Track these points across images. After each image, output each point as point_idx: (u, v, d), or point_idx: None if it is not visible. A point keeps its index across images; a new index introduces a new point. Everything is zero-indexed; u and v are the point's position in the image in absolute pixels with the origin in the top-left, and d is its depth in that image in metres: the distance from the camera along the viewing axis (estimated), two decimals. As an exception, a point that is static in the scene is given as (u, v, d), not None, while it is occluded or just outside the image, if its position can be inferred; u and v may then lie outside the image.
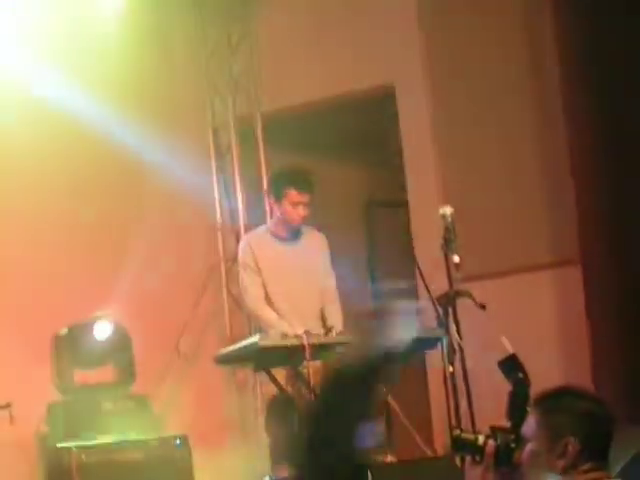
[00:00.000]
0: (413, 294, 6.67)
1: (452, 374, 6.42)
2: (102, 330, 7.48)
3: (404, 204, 8.50)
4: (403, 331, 2.56)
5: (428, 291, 6.57)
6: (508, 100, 7.94)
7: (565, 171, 7.44)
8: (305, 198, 6.93)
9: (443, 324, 6.43)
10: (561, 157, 7.53)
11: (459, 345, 6.46)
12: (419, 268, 6.81)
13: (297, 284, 7.02)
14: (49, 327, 7.38)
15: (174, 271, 8.29)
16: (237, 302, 8.10)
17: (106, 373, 7.47)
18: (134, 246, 8.13)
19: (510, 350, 4.87)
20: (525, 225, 8.02)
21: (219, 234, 8.87)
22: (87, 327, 7.48)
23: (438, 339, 6.42)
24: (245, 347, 6.66)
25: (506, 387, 4.16)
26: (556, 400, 3.52)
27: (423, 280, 6.66)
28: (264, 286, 7.01)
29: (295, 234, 7.08)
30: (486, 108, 8.04)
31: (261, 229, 7.37)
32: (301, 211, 6.94)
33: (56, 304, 7.60)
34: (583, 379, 6.72)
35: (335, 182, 9.12)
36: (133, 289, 7.90)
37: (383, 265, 8.75)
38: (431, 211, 6.99)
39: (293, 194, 6.92)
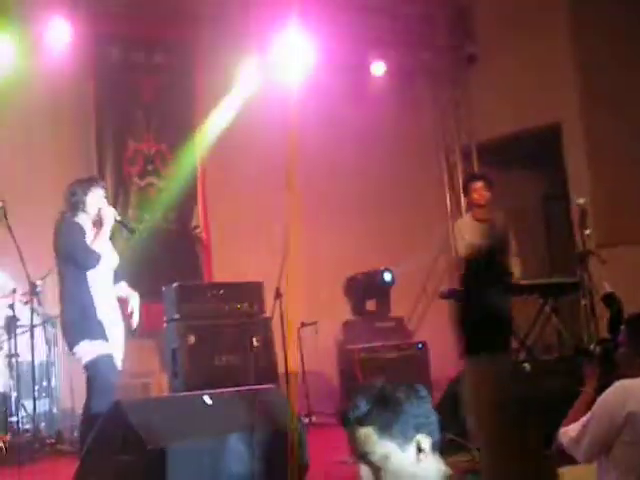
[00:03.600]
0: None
1: (585, 305, 7.51)
2: (385, 277, 9.39)
3: (566, 197, 10.19)
4: None
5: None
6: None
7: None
8: (480, 185, 8.25)
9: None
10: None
11: (592, 287, 7.41)
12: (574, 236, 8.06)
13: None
14: (344, 273, 9.39)
15: (426, 246, 10.44)
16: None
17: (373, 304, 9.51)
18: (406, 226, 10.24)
19: (609, 289, 6.15)
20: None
21: (449, 218, 11.03)
22: (372, 273, 9.32)
23: (577, 283, 7.65)
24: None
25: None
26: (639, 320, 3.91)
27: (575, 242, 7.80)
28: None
29: (487, 217, 8.23)
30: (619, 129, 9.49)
31: (467, 215, 8.69)
32: (481, 194, 8.20)
33: (350, 258, 9.51)
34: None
35: (521, 184, 10.82)
36: (405, 255, 9.83)
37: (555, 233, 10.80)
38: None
39: (472, 185, 8.38)
